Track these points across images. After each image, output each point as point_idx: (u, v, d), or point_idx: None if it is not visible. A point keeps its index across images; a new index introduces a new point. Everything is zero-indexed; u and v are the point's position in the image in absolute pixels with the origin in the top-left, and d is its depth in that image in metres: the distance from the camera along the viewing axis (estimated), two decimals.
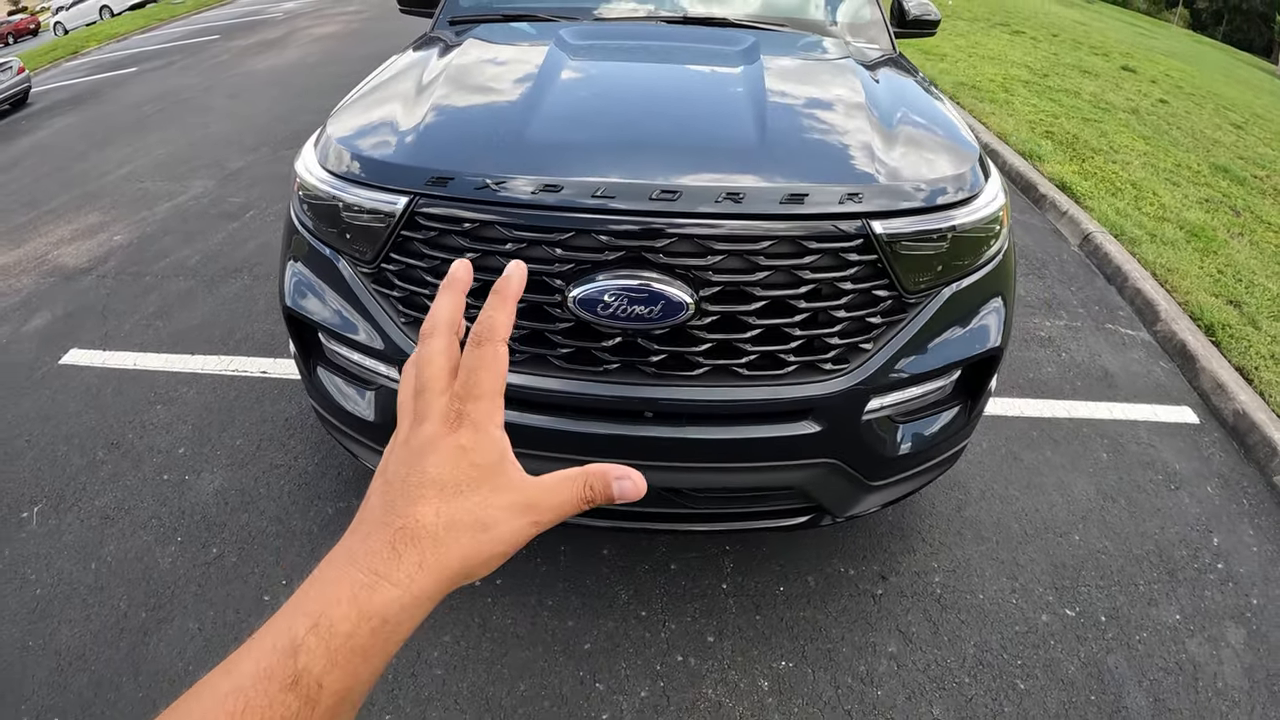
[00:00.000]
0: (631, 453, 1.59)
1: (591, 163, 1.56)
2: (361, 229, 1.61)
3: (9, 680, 1.98)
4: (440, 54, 2.18)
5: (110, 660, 2.01)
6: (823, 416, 1.59)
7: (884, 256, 1.53)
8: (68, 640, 2.07)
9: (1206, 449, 2.96)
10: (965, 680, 1.97)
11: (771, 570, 2.21)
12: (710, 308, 1.49)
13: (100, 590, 2.22)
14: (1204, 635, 2.17)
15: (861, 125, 1.74)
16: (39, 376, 3.33)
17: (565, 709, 1.84)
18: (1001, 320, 1.79)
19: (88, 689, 1.94)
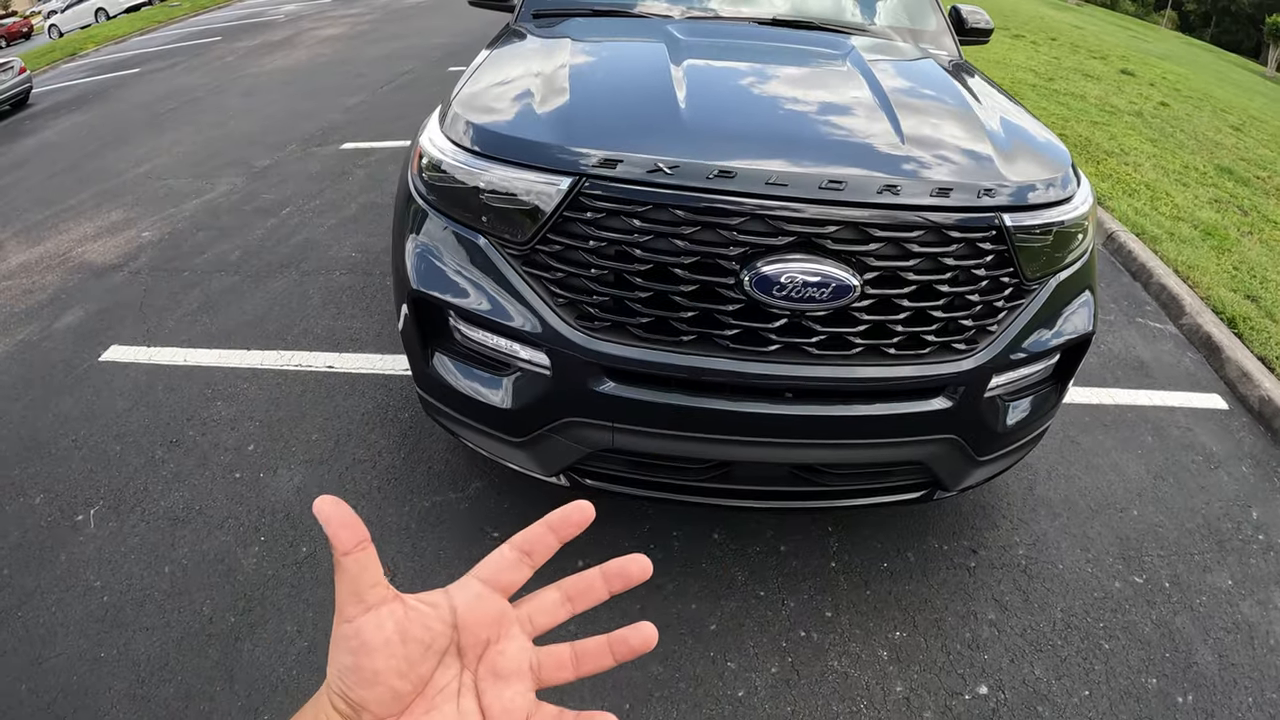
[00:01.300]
0: (779, 432, 1.67)
1: (754, 151, 1.64)
2: (513, 210, 1.65)
3: (82, 695, 1.88)
4: (552, 43, 2.25)
5: (199, 668, 1.93)
6: (953, 394, 1.70)
7: (1010, 246, 1.66)
8: (146, 649, 1.98)
9: (1237, 433, 3.11)
10: (1058, 642, 2.08)
11: (873, 548, 2.31)
12: (870, 290, 1.59)
13: (178, 595, 2.13)
14: (1254, 599, 2.31)
15: (976, 127, 1.88)
16: (79, 374, 3.25)
17: (701, 689, 1.90)
18: (1092, 309, 1.93)
19: (175, 700, 1.86)
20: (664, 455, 1.74)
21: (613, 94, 1.92)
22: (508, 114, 1.85)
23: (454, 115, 1.87)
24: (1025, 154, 1.84)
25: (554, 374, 1.68)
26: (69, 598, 2.16)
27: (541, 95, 1.86)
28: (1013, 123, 2.02)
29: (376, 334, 3.38)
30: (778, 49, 2.39)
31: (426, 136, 1.91)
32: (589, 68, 2.04)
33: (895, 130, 1.76)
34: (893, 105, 1.87)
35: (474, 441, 1.98)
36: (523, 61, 2.18)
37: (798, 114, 1.88)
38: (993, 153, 1.76)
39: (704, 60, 2.12)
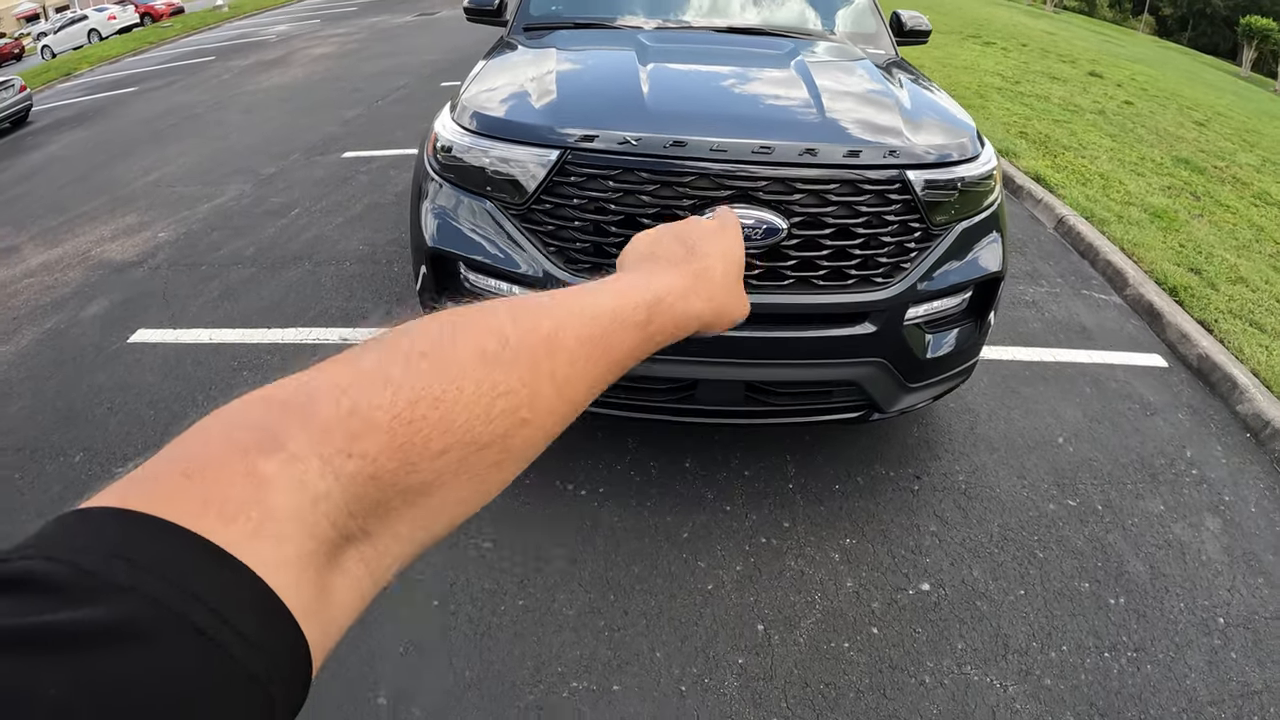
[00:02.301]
0: (731, 352, 2.01)
1: (702, 126, 2.04)
2: (512, 178, 2.04)
3: None
4: (541, 51, 2.63)
5: None
6: (876, 319, 2.06)
7: (915, 197, 2.03)
8: None
9: (1176, 386, 3.43)
10: (995, 550, 2.38)
11: (827, 474, 2.63)
12: (796, 232, 1.97)
13: None
14: (1186, 522, 2.61)
15: (890, 105, 2.26)
16: (109, 353, 3.54)
17: (675, 583, 2.22)
18: (1000, 253, 2.28)
19: None
20: (642, 376, 2.06)
21: (591, 88, 2.34)
22: (507, 105, 2.24)
23: (463, 107, 2.25)
24: (932, 125, 2.23)
25: None
26: None
27: (533, 90, 2.24)
28: (926, 102, 2.41)
29: (386, 312, 3.70)
30: (729, 51, 2.78)
31: (440, 124, 2.29)
32: (572, 68, 2.44)
33: (819, 109, 2.15)
34: (819, 90, 2.25)
35: None
36: (517, 66, 2.56)
37: (738, 98, 2.30)
38: (901, 124, 2.14)
39: (665, 61, 2.51)
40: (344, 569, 0.30)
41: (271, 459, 0.28)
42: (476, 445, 0.34)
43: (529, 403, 0.36)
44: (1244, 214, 5.73)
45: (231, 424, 0.30)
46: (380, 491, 0.31)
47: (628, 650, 2.03)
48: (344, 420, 0.31)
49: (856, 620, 2.14)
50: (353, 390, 0.32)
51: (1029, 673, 2.05)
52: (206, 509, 0.26)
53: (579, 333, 0.40)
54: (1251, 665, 2.16)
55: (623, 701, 1.90)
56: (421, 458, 0.32)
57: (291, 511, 0.28)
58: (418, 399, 0.32)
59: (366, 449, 0.30)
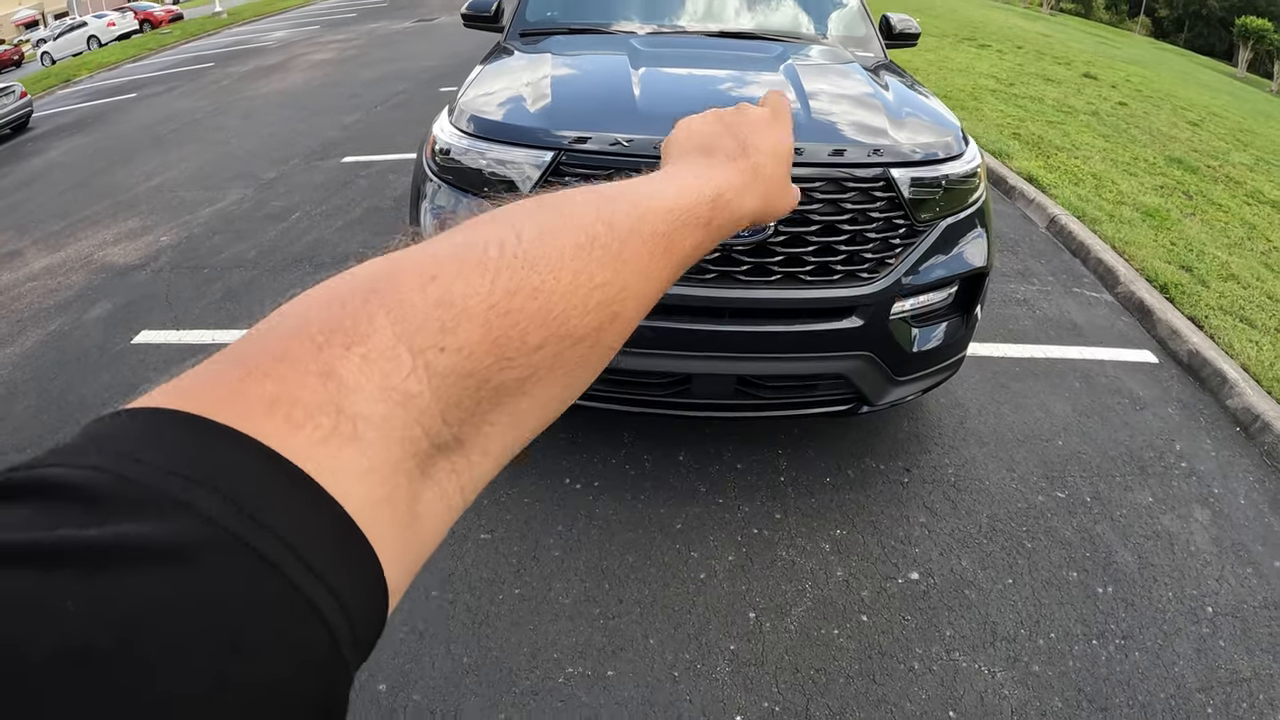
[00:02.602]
0: (722, 346, 2.06)
1: None
2: (509, 179, 2.09)
3: None
4: (536, 56, 2.69)
5: None
6: (862, 313, 2.11)
7: (899, 195, 2.09)
8: None
9: (1166, 381, 3.48)
10: (983, 541, 2.43)
11: (818, 467, 2.67)
12: (783, 229, 2.02)
13: None
14: (1175, 513, 2.65)
15: (876, 106, 2.32)
16: (113, 355, 3.59)
17: (669, 572, 2.27)
18: (985, 249, 2.33)
19: None
20: (636, 371, 2.11)
21: (584, 91, 2.41)
22: (503, 108, 2.30)
23: (460, 111, 2.31)
24: (916, 124, 2.28)
25: None
26: None
27: (529, 94, 2.30)
28: (912, 103, 2.47)
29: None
30: (720, 55, 2.84)
31: (438, 127, 2.35)
32: (566, 74, 2.50)
33: (805, 110, 2.20)
34: (806, 92, 2.31)
35: None
36: (513, 71, 2.62)
37: (726, 100, 2.33)
38: (886, 124, 2.19)
39: (656, 65, 2.56)
40: (435, 481, 0.28)
41: (351, 353, 0.25)
42: (572, 339, 0.32)
43: (619, 296, 0.35)
44: (1236, 212, 5.78)
45: (306, 313, 0.27)
46: (474, 391, 0.28)
47: (622, 637, 2.07)
48: (435, 309, 0.28)
49: (846, 608, 2.18)
50: (444, 276, 0.29)
51: (1017, 659, 2.09)
52: (273, 412, 0.23)
53: (654, 229, 0.39)
54: (1240, 653, 2.19)
55: (617, 686, 1.95)
56: (519, 352, 0.30)
57: (375, 415, 0.25)
58: (516, 289, 0.30)
59: (461, 342, 0.28)
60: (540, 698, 1.92)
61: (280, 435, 0.23)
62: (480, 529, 2.37)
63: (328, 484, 0.23)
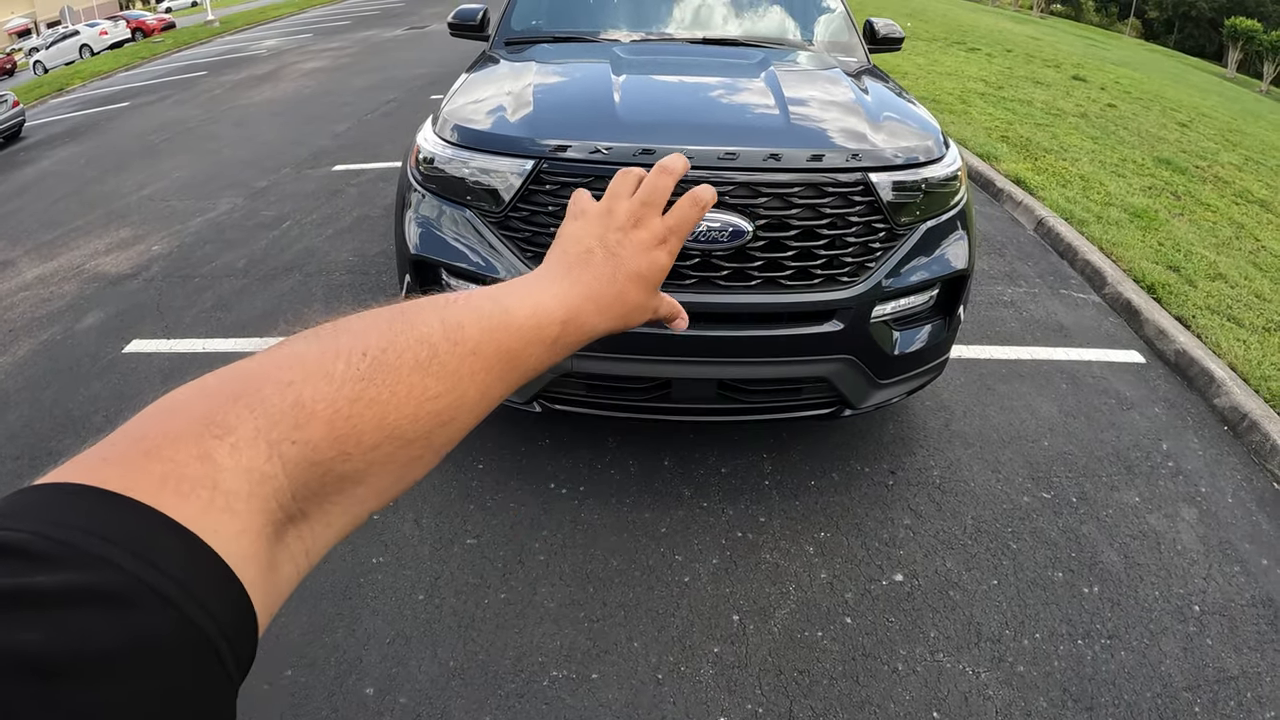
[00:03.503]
0: (702, 351, 2.08)
1: (670, 134, 2.13)
2: (490, 188, 2.11)
3: None
4: (520, 65, 2.72)
5: None
6: (843, 317, 2.12)
7: (878, 199, 2.11)
8: None
9: (1153, 381, 3.49)
10: (968, 542, 2.44)
11: (803, 470, 2.68)
12: (762, 234, 2.03)
13: None
14: (1161, 512, 2.66)
15: (856, 111, 2.34)
16: (105, 363, 3.59)
17: (653, 575, 2.28)
18: (966, 252, 2.35)
19: None
20: (615, 376, 2.12)
21: (566, 100, 2.43)
22: (486, 118, 2.33)
23: (444, 120, 2.33)
24: (895, 128, 2.31)
25: None
26: None
27: (511, 103, 2.33)
28: (892, 106, 2.49)
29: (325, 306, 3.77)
30: (702, 62, 2.88)
31: (422, 136, 2.38)
32: (548, 82, 2.53)
33: (784, 115, 2.23)
34: (786, 98, 2.33)
35: None
36: (496, 80, 2.65)
37: (706, 107, 2.39)
38: (866, 128, 2.22)
39: (638, 72, 2.60)
40: (286, 544, 0.33)
41: (223, 442, 0.31)
42: (404, 441, 0.38)
43: (453, 406, 0.40)
44: (1224, 212, 5.82)
45: (186, 408, 0.33)
46: (318, 477, 0.34)
47: (606, 640, 2.08)
48: (290, 410, 0.34)
49: (830, 610, 2.19)
50: (298, 382, 0.35)
51: (1001, 659, 2.10)
52: (164, 486, 0.28)
53: (500, 345, 0.44)
54: (1228, 651, 2.19)
55: (601, 689, 1.96)
56: (356, 449, 0.35)
57: (241, 490, 0.31)
58: (357, 398, 0.36)
59: (309, 437, 0.34)
60: (525, 700, 1.93)
61: (173, 505, 0.28)
62: (466, 534, 2.38)
63: (211, 542, 0.29)
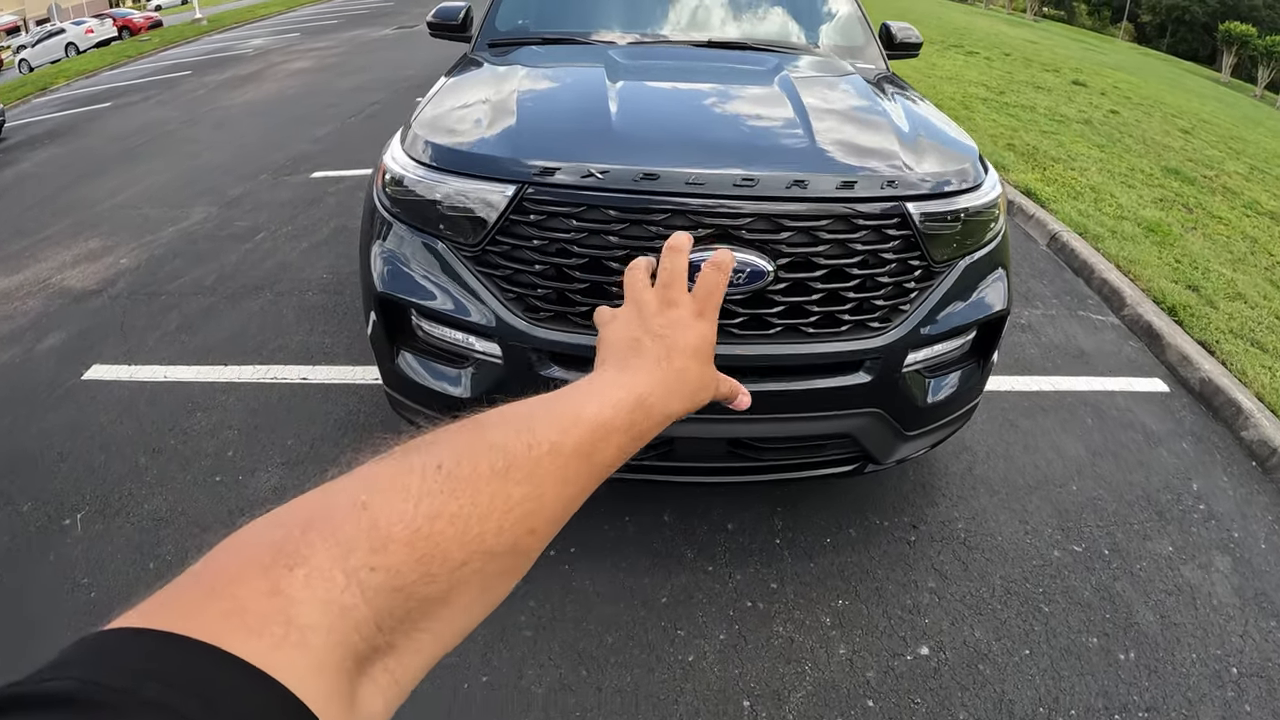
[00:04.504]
0: (711, 408, 1.81)
1: (676, 154, 1.82)
2: (465, 216, 1.82)
3: None
4: (504, 69, 2.44)
5: None
6: (872, 368, 1.86)
7: (916, 232, 1.83)
8: None
9: (1178, 412, 3.29)
10: (998, 607, 2.21)
11: (817, 525, 2.44)
12: (784, 275, 1.76)
13: None
14: (1195, 563, 2.46)
15: (885, 129, 2.06)
16: (62, 392, 3.35)
17: (653, 654, 2.03)
18: (1005, 289, 2.10)
19: None
20: None
21: (554, 111, 2.13)
22: (462, 132, 2.03)
23: (414, 136, 2.03)
24: (931, 150, 2.03)
25: (506, 363, 1.82)
26: (58, 595, 2.26)
27: (491, 115, 2.04)
28: (923, 124, 2.21)
29: (347, 347, 3.50)
30: (708, 68, 2.59)
31: (389, 154, 2.08)
32: (534, 89, 2.23)
33: (808, 134, 1.95)
34: (808, 113, 2.06)
35: None
36: (476, 87, 2.36)
37: (718, 122, 2.08)
38: (898, 149, 1.94)
39: (637, 80, 2.31)
40: (373, 678, 0.32)
41: (295, 573, 0.30)
42: (490, 554, 0.36)
43: (536, 512, 0.39)
44: (1236, 225, 5.63)
45: (254, 541, 0.32)
46: (402, 602, 0.33)
47: None
48: (366, 534, 0.33)
49: (850, 692, 1.96)
50: (373, 505, 0.34)
51: None
52: (230, 623, 0.27)
53: (576, 444, 0.42)
54: (1267, 717, 2.02)
55: None
56: (441, 569, 0.34)
57: (319, 624, 0.29)
58: (437, 514, 0.35)
59: (389, 561, 0.32)
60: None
61: (241, 642, 0.27)
62: None
63: (285, 680, 0.27)
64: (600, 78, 2.23)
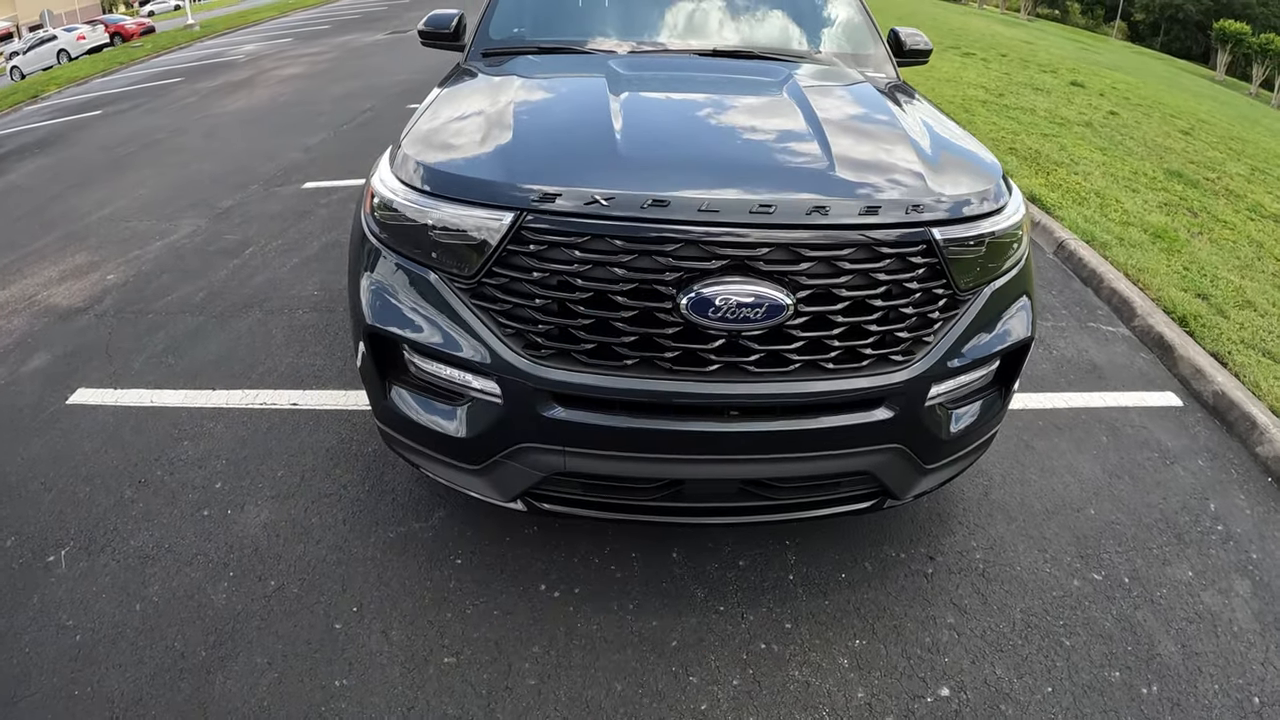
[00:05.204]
0: (725, 449, 1.72)
1: (688, 178, 1.71)
2: (460, 245, 1.71)
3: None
4: (500, 80, 2.33)
5: (171, 703, 1.93)
6: (894, 403, 1.76)
7: (941, 259, 1.73)
8: (119, 686, 1.98)
9: (1193, 427, 3.21)
10: (1018, 642, 2.12)
11: (830, 559, 2.35)
12: (804, 309, 1.65)
13: (150, 631, 2.14)
14: (1215, 588, 2.38)
15: (906, 146, 1.96)
16: (46, 418, 3.25)
17: (664, 703, 1.92)
18: (1030, 315, 2.01)
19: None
20: (615, 476, 1.77)
21: (554, 129, 2.00)
22: (454, 153, 1.91)
23: (403, 156, 1.92)
24: (955, 169, 1.92)
25: (505, 402, 1.72)
26: (42, 637, 2.16)
27: (486, 133, 1.92)
28: (944, 140, 2.10)
29: (339, 370, 3.39)
30: (715, 79, 2.47)
31: (378, 177, 1.97)
32: (533, 104, 2.12)
33: (826, 153, 1.83)
34: (824, 130, 1.94)
35: (433, 471, 2.01)
36: (470, 100, 2.24)
37: (731, 142, 1.96)
38: (922, 169, 1.83)
39: (642, 93, 2.19)
40: None
41: None
42: None
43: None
44: (1242, 229, 5.57)
45: None
46: None
47: None
48: None
49: None
50: None
51: None
52: None
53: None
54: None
55: None
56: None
57: None
58: None
59: None
60: None
61: None
62: (443, 650, 2.03)
63: None
64: (602, 91, 2.12)
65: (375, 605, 2.19)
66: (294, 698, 1.94)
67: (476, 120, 2.04)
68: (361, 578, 2.29)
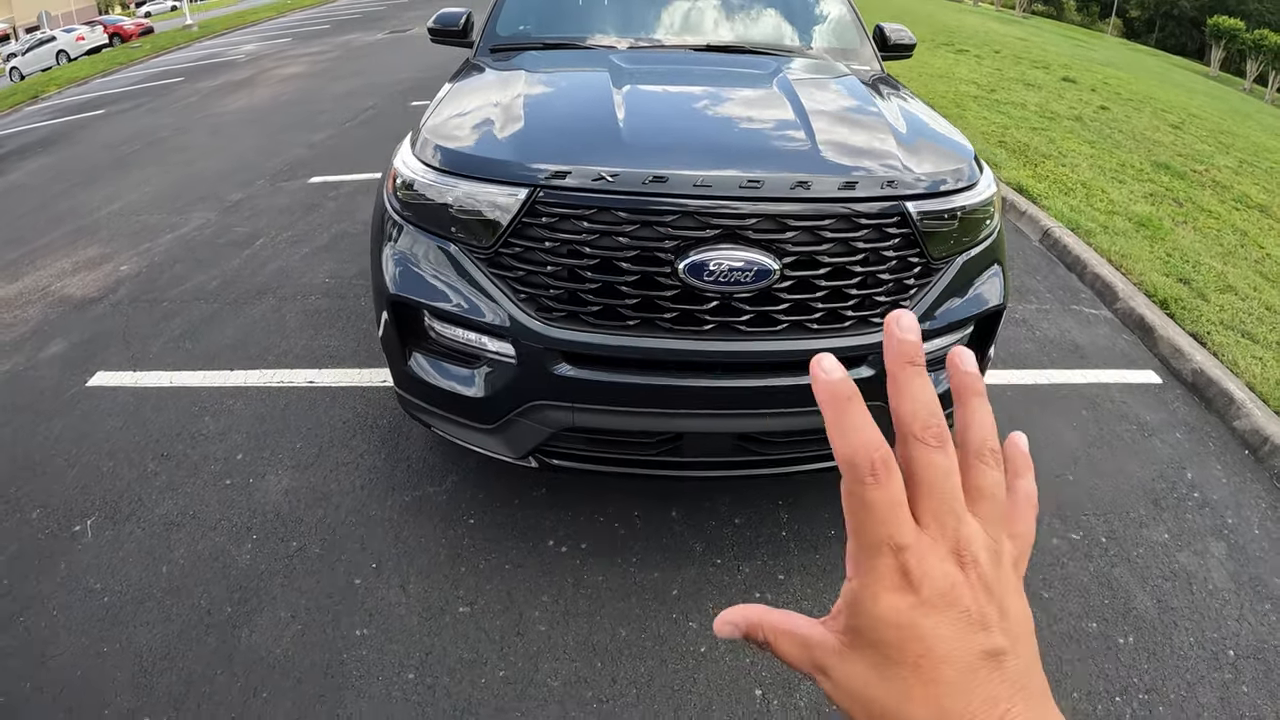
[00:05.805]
0: (720, 403, 1.87)
1: (684, 158, 1.88)
2: (478, 219, 1.88)
3: (87, 686, 1.99)
4: (509, 74, 2.48)
5: (199, 655, 2.06)
6: (875, 362, 1.91)
7: (915, 230, 1.90)
8: (148, 641, 2.10)
9: (1171, 403, 3.35)
10: None
11: (821, 518, 2.49)
12: (789, 273, 1.82)
13: (176, 591, 2.26)
14: (1191, 549, 2.52)
15: (884, 131, 2.13)
16: (67, 399, 3.36)
17: (666, 646, 2.07)
18: (1001, 284, 2.16)
19: (177, 686, 1.98)
20: (619, 430, 1.92)
21: (562, 116, 2.18)
22: (471, 137, 2.08)
23: (424, 140, 2.09)
24: (929, 151, 2.09)
25: (519, 362, 1.87)
26: (70, 601, 2.27)
27: (500, 120, 2.09)
28: (919, 124, 2.28)
29: (353, 350, 3.53)
30: (710, 72, 2.65)
31: (400, 159, 2.13)
32: (541, 94, 2.28)
33: (810, 137, 2.00)
34: (810, 117, 2.11)
35: (449, 432, 2.16)
36: (482, 92, 2.41)
37: (724, 127, 2.14)
38: (897, 150, 2.00)
39: (642, 84, 2.36)
40: None
41: None
42: None
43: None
44: (1226, 219, 5.71)
45: None
46: None
47: None
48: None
49: None
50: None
51: None
52: None
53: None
54: (1263, 698, 2.08)
55: None
56: None
57: None
58: None
59: None
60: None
61: None
62: (458, 601, 2.18)
63: None
64: (605, 82, 2.28)
65: (393, 562, 2.33)
66: (317, 646, 2.08)
67: (490, 109, 2.20)
68: (379, 538, 2.43)
